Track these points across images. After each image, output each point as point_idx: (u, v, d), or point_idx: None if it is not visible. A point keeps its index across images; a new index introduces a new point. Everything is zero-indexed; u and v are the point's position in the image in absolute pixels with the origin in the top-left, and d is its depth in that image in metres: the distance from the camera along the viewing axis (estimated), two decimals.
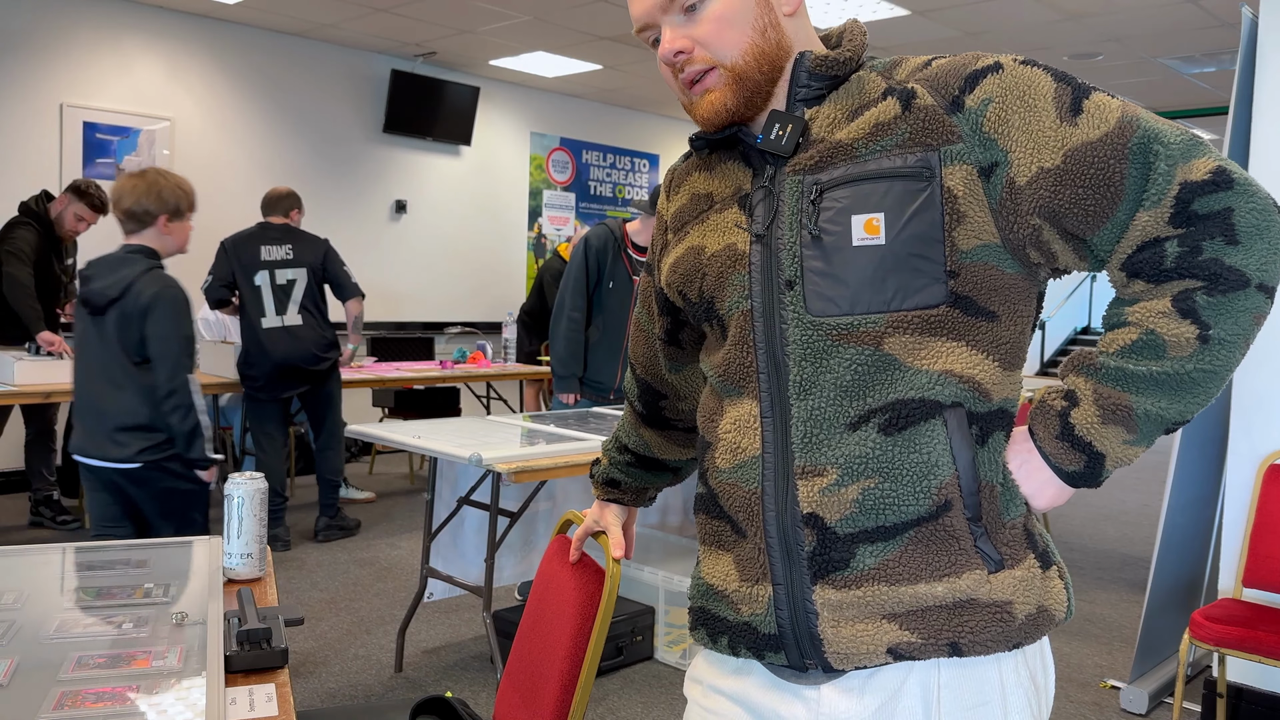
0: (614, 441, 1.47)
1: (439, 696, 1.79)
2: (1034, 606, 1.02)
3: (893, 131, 1.00)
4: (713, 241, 1.12)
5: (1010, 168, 0.97)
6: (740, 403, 1.09)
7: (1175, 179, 0.93)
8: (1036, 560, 1.03)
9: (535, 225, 8.62)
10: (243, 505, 1.64)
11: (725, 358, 1.10)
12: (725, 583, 1.11)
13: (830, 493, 1.01)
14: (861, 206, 1.00)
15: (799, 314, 1.02)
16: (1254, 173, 3.00)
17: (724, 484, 1.10)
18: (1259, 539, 2.87)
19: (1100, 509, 6.20)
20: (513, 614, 3.38)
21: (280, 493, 4.78)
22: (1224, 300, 0.93)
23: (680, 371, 1.34)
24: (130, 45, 6.21)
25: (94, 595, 1.49)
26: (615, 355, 3.97)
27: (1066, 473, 1.01)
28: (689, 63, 1.06)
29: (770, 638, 1.06)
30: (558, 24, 6.44)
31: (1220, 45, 6.50)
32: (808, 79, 1.07)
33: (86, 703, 1.11)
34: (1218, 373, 0.95)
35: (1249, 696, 2.98)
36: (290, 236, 4.74)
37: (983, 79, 0.99)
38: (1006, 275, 1.01)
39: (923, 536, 1.00)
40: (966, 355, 1.00)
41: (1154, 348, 0.95)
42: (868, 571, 1.01)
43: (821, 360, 1.01)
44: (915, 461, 0.99)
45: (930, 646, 1.00)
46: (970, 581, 1.00)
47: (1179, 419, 0.98)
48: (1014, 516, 1.03)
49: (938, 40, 6.58)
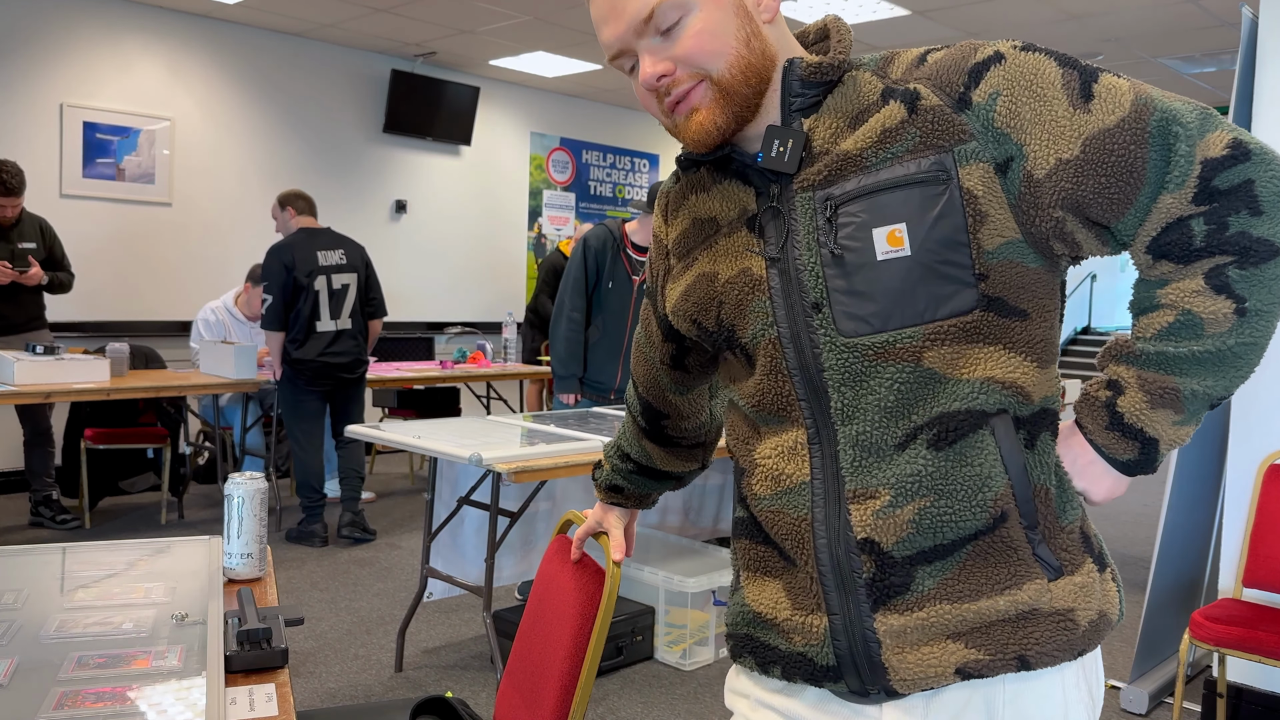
0: (616, 448, 1.44)
1: (439, 696, 1.79)
2: (1095, 612, 1.00)
3: (902, 137, 0.96)
4: (725, 268, 1.07)
5: (1027, 161, 0.94)
6: (783, 430, 1.05)
7: (1196, 158, 0.91)
8: (1094, 564, 1.02)
9: (535, 225, 8.61)
10: (243, 505, 1.64)
11: (758, 387, 1.06)
12: (775, 610, 1.07)
13: (884, 515, 0.98)
14: (881, 219, 0.96)
15: (831, 337, 0.98)
16: None
17: (766, 511, 1.06)
18: (1259, 539, 2.87)
19: (1100, 509, 6.20)
20: (513, 614, 3.38)
21: (318, 489, 4.78)
22: (1257, 272, 0.92)
23: (685, 394, 1.31)
24: (130, 45, 6.21)
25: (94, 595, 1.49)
26: (615, 355, 3.97)
27: (1121, 462, 0.99)
28: (674, 84, 1.00)
29: (829, 669, 1.02)
30: (558, 24, 6.43)
31: (1220, 45, 6.50)
32: (800, 88, 1.01)
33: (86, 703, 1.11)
34: (1258, 343, 0.94)
35: (1249, 696, 2.98)
36: (339, 241, 4.77)
37: (986, 72, 0.96)
38: (1031, 270, 0.98)
39: (980, 551, 0.98)
40: (1005, 359, 0.98)
41: (1192, 327, 0.94)
42: (928, 593, 0.98)
43: (862, 383, 0.98)
44: (968, 475, 0.97)
45: (998, 663, 0.97)
46: (1032, 592, 0.97)
47: (1224, 394, 0.97)
48: (1071, 520, 1.01)
49: (938, 40, 6.58)
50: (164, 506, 5.26)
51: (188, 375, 5.07)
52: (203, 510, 5.49)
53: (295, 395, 4.73)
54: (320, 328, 4.66)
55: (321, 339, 4.67)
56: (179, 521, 5.20)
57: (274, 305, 4.61)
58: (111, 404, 5.27)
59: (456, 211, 8.03)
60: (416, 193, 7.74)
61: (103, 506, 5.47)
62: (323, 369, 4.69)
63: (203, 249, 6.62)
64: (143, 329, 6.34)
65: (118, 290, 6.27)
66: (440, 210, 7.91)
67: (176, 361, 6.18)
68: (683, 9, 0.98)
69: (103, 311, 6.22)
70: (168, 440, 5.24)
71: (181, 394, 4.95)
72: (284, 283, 4.61)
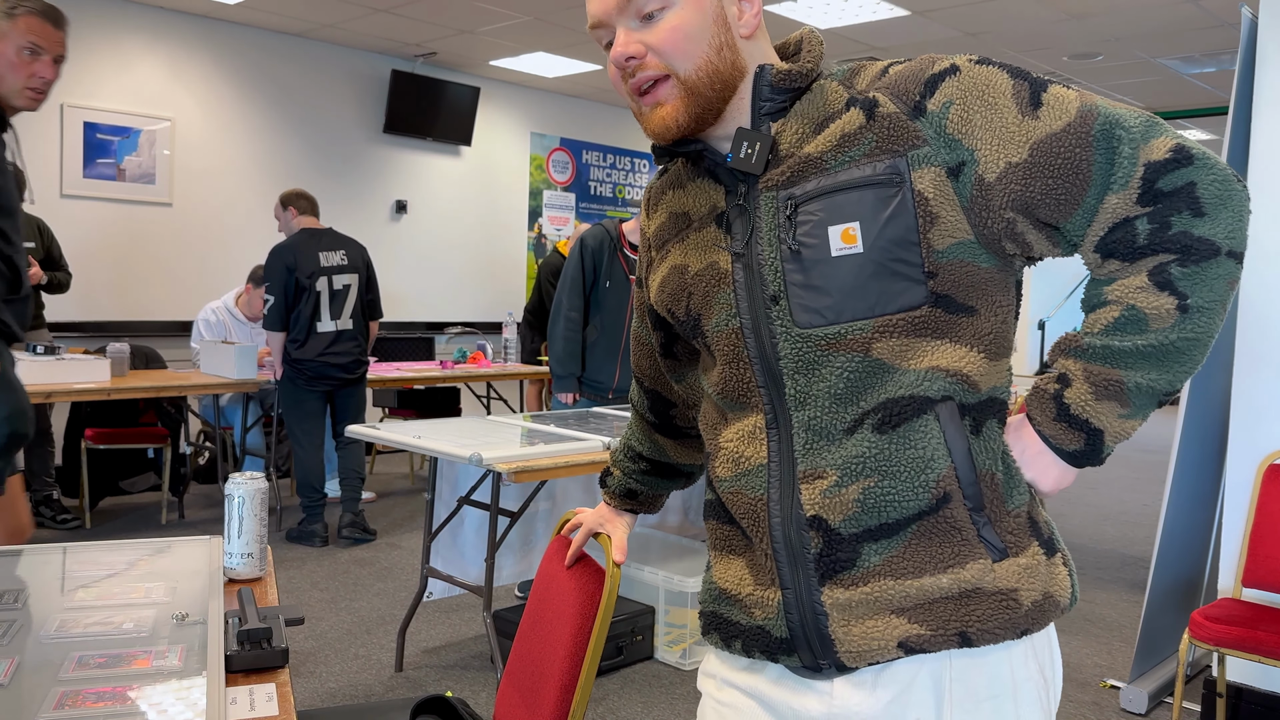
0: (626, 451, 1.47)
1: (439, 696, 1.79)
2: (1039, 593, 1.03)
3: (859, 141, 1.02)
4: (695, 260, 1.13)
5: (978, 165, 0.99)
6: (744, 416, 1.10)
7: (1139, 160, 0.96)
8: (1041, 548, 1.05)
9: (535, 225, 8.62)
10: (243, 505, 1.64)
11: (722, 375, 1.12)
12: (739, 587, 1.12)
13: (831, 494, 1.03)
14: (837, 217, 1.01)
15: (787, 328, 1.04)
16: (1254, 173, 3.00)
17: (727, 492, 1.12)
18: (1259, 539, 2.87)
19: (1100, 509, 6.20)
20: (513, 614, 3.38)
21: (319, 489, 4.79)
22: (1198, 270, 0.95)
23: (683, 381, 1.35)
24: (130, 45, 6.21)
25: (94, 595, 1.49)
26: (614, 355, 3.97)
27: (1068, 452, 1.03)
28: (640, 68, 1.06)
29: (782, 641, 1.07)
30: (558, 24, 6.44)
31: (1220, 45, 6.50)
32: (770, 93, 1.07)
33: (86, 703, 1.11)
34: (1200, 340, 0.98)
35: (1249, 696, 2.98)
36: (341, 241, 4.79)
37: (941, 82, 1.01)
38: (982, 270, 1.02)
39: (925, 530, 1.02)
40: (951, 350, 1.02)
41: (1136, 322, 0.98)
42: (873, 569, 1.02)
43: (814, 371, 1.03)
44: (911, 457, 1.01)
45: (939, 638, 1.01)
46: (975, 571, 1.01)
47: (1169, 388, 1.00)
48: (1018, 505, 1.04)
49: (938, 40, 6.58)
50: (164, 506, 5.26)
51: (188, 375, 5.07)
52: (203, 510, 5.49)
53: (296, 395, 4.74)
54: (321, 328, 4.68)
55: (322, 339, 4.69)
56: (179, 521, 5.20)
57: (275, 306, 4.63)
58: (112, 404, 5.27)
59: (456, 212, 8.03)
60: (416, 193, 7.74)
61: (103, 506, 5.47)
62: (322, 369, 4.70)
63: (203, 249, 6.62)
64: (143, 329, 6.34)
65: (118, 290, 6.27)
66: (440, 210, 7.91)
67: (177, 361, 6.18)
68: (666, 1, 1.04)
69: (103, 311, 6.22)
70: (168, 440, 5.25)
71: (182, 394, 4.96)
72: (285, 283, 4.63)
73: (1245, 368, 3.03)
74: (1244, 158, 3.15)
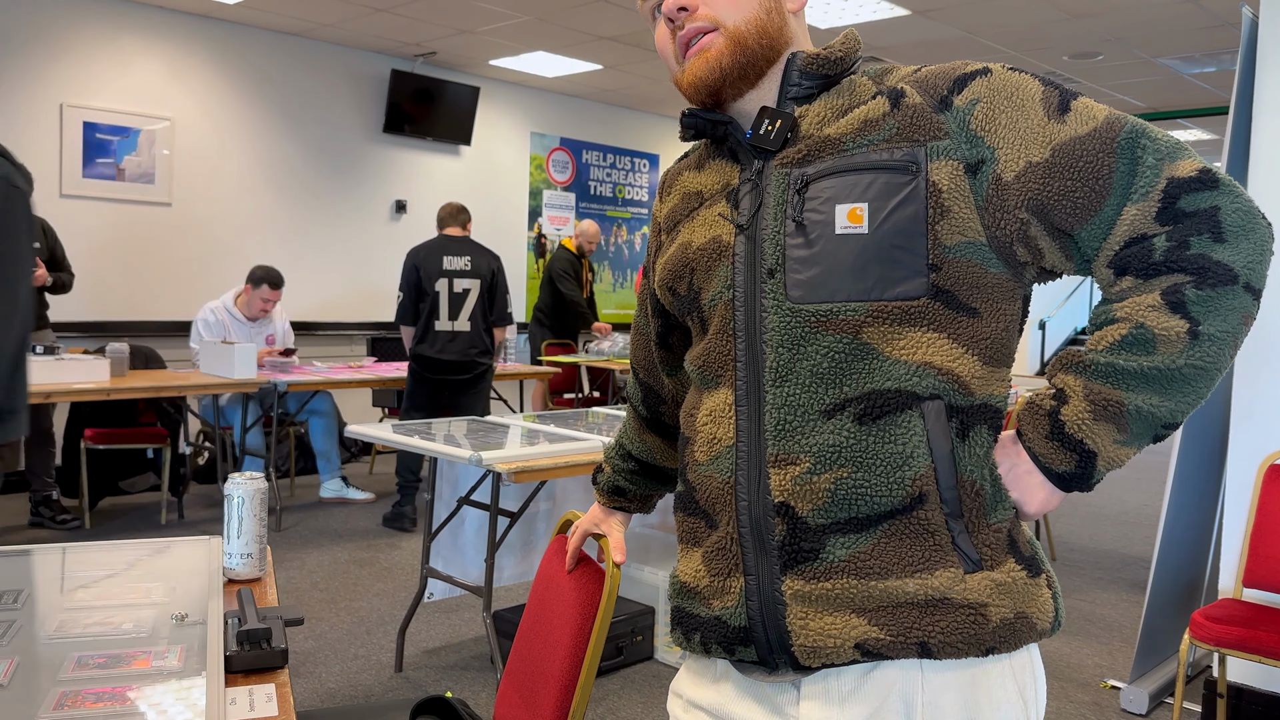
0: (618, 448, 1.46)
1: (439, 696, 1.79)
2: (1011, 612, 0.98)
3: (880, 127, 1.02)
4: (699, 235, 1.12)
5: (998, 164, 0.98)
6: (716, 393, 1.09)
7: (1163, 174, 0.94)
8: (1020, 565, 1.00)
9: (535, 225, 8.61)
10: (243, 505, 1.64)
11: (705, 348, 1.11)
12: (696, 579, 1.11)
13: (802, 481, 1.00)
14: (846, 196, 1.00)
15: (779, 301, 1.02)
16: (1254, 173, 3.00)
17: (701, 476, 1.10)
18: (1259, 539, 2.87)
19: (1100, 509, 6.20)
20: (513, 614, 3.38)
21: (415, 473, 5.19)
22: (1213, 295, 0.92)
23: (674, 376, 1.35)
24: (130, 45, 6.21)
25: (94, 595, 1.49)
26: None
27: (1057, 474, 0.99)
28: (691, 19, 1.07)
29: (740, 630, 1.05)
30: (558, 24, 6.43)
31: (1220, 45, 6.50)
32: (799, 77, 1.08)
33: (86, 703, 1.11)
34: (1208, 370, 0.94)
35: (1249, 696, 2.98)
36: (469, 249, 5.07)
37: (971, 81, 1.01)
38: (990, 274, 1.00)
39: (897, 530, 0.98)
40: (947, 348, 0.99)
41: (1144, 342, 0.94)
42: (838, 564, 0.99)
43: (799, 347, 1.01)
44: (889, 452, 0.98)
45: (898, 645, 0.97)
46: (944, 580, 0.97)
47: (1170, 419, 0.96)
48: (1000, 520, 1.00)
49: (938, 40, 6.58)
50: (164, 506, 5.26)
51: (188, 375, 5.07)
52: (203, 510, 5.49)
53: (412, 385, 5.12)
54: (438, 327, 5.02)
55: (438, 338, 5.02)
56: (179, 521, 5.20)
57: (403, 302, 5.05)
58: (111, 404, 5.27)
59: None
60: (416, 193, 7.74)
61: (103, 506, 5.47)
62: (434, 365, 5.02)
63: (203, 249, 6.61)
64: (143, 329, 6.34)
65: (118, 290, 6.27)
66: None
67: (176, 361, 6.18)
68: None
69: (103, 311, 6.22)
70: (168, 440, 5.24)
71: (181, 394, 4.95)
72: (413, 282, 5.02)
73: (1245, 368, 3.03)
74: (1244, 158, 3.15)
